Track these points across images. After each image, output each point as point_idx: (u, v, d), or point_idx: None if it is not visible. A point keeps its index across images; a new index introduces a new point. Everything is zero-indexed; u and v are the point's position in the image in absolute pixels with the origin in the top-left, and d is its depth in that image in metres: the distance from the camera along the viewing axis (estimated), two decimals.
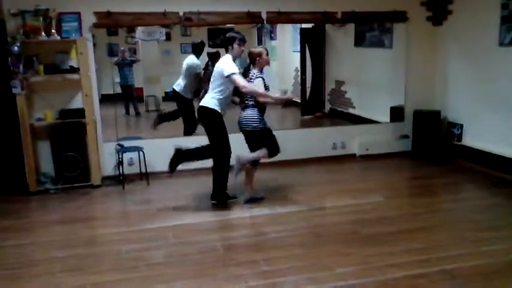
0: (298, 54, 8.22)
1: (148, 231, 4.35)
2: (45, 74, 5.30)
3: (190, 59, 6.72)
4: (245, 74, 4.97)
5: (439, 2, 6.59)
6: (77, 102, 5.60)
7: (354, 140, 6.79)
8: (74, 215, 4.79)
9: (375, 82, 7.55)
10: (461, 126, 6.44)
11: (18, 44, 5.06)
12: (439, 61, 6.80)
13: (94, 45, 5.67)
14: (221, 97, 4.67)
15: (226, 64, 4.63)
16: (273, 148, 4.85)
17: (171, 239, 4.14)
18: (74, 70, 5.40)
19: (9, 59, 5.08)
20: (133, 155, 5.80)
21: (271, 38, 8.79)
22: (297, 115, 8.36)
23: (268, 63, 4.93)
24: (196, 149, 4.88)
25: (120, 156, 5.68)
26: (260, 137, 4.78)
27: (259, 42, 8.79)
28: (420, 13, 6.66)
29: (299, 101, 8.39)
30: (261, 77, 4.76)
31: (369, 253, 3.74)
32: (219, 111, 4.68)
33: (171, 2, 5.71)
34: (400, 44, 6.84)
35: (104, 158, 5.82)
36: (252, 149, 4.84)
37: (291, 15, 6.21)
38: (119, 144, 5.74)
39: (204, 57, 6.82)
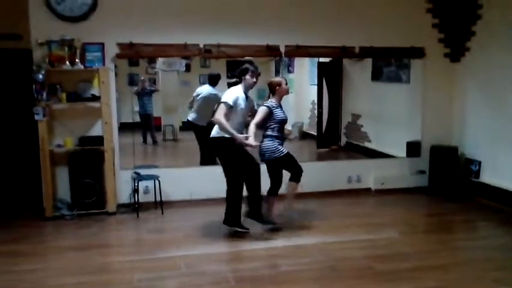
0: (315, 87, 8.28)
1: (161, 260, 4.33)
2: (67, 102, 5.43)
3: (208, 89, 6.82)
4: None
5: (457, 39, 6.64)
6: (96, 130, 5.71)
7: (369, 174, 6.75)
8: (88, 242, 4.81)
9: (391, 116, 7.54)
10: (479, 163, 6.37)
11: (43, 72, 5.22)
12: (456, 97, 6.79)
13: (115, 74, 5.81)
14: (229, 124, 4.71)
15: (227, 93, 4.80)
16: (298, 168, 4.97)
17: (183, 269, 4.12)
18: (95, 98, 5.53)
19: (34, 86, 5.23)
20: (149, 183, 5.84)
21: (289, 71, 8.88)
22: (313, 148, 8.36)
23: (287, 92, 5.07)
24: (251, 202, 4.88)
25: (136, 184, 5.72)
26: (286, 162, 4.93)
27: (277, 75, 8.91)
28: (438, 50, 6.71)
29: (315, 133, 8.41)
30: (267, 106, 4.87)
31: None
32: (226, 136, 4.71)
33: (191, 34, 5.86)
34: (418, 80, 6.86)
35: (120, 185, 5.87)
36: (273, 177, 4.97)
37: (309, 49, 6.30)
38: (136, 172, 5.80)
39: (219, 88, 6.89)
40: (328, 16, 6.31)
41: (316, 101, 8.32)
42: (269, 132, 4.92)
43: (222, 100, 4.73)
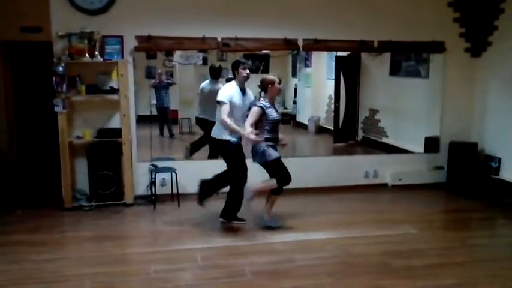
0: (333, 81, 8.24)
1: (177, 252, 4.37)
2: (86, 94, 5.49)
3: (210, 83, 6.81)
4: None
5: (478, 34, 6.52)
6: (114, 122, 5.76)
7: (386, 169, 6.70)
8: (105, 233, 4.87)
9: (409, 112, 7.46)
10: (499, 159, 6.27)
11: (63, 65, 5.27)
12: (476, 92, 6.68)
13: (133, 67, 5.84)
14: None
15: (222, 90, 4.77)
16: (285, 178, 4.80)
17: (199, 262, 4.15)
18: (113, 91, 5.57)
19: (54, 78, 5.29)
20: (166, 175, 5.88)
21: (306, 65, 8.85)
22: (330, 142, 8.32)
23: (279, 91, 4.90)
24: (217, 177, 4.98)
25: (153, 176, 5.77)
26: (273, 168, 4.77)
27: (294, 68, 8.90)
28: (459, 44, 6.60)
29: (332, 128, 8.37)
30: (259, 106, 4.69)
31: (401, 286, 3.65)
32: (231, 139, 4.72)
33: (210, 28, 5.86)
34: (437, 74, 6.77)
35: (138, 177, 5.92)
36: (271, 176, 4.82)
37: (327, 43, 6.25)
38: (153, 165, 5.84)
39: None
40: (346, 9, 6.25)
41: (333, 95, 8.27)
42: (261, 134, 4.74)
43: (218, 99, 4.70)
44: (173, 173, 5.78)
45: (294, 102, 9.07)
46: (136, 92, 6.01)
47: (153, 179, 5.77)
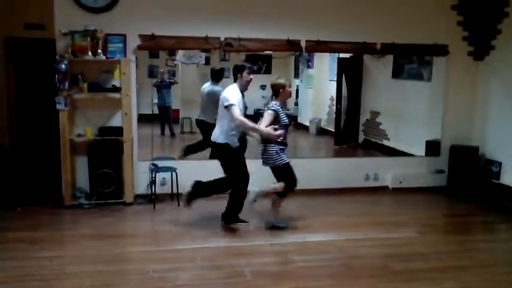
0: (335, 83, 8.22)
1: (176, 252, 4.37)
2: (89, 92, 5.48)
3: (210, 86, 6.62)
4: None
5: (481, 37, 6.51)
6: (116, 121, 5.76)
7: (387, 172, 6.69)
8: (104, 231, 4.87)
9: (411, 114, 7.45)
10: (500, 164, 6.26)
11: (66, 62, 5.27)
12: (479, 96, 6.67)
13: (136, 66, 5.84)
14: (229, 127, 4.70)
15: (228, 94, 4.71)
16: (292, 181, 4.82)
17: (198, 262, 4.15)
18: (116, 89, 5.57)
19: (56, 76, 5.28)
20: (166, 175, 5.88)
21: (309, 67, 8.83)
22: (331, 144, 8.30)
23: (290, 95, 4.93)
24: (214, 182, 4.94)
25: (154, 175, 5.76)
26: (283, 171, 4.78)
27: (296, 70, 8.88)
28: (462, 48, 6.59)
29: (333, 130, 8.36)
30: (274, 110, 4.69)
31: None
32: (230, 143, 4.73)
33: (212, 28, 5.86)
34: (439, 78, 6.76)
35: (138, 176, 5.92)
36: (279, 179, 4.83)
37: (330, 44, 6.25)
38: (153, 164, 5.84)
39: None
40: (350, 11, 6.24)
41: (335, 97, 8.26)
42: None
43: (229, 103, 4.63)
44: (173, 173, 5.77)
45: (296, 104, 9.05)
46: (138, 90, 6.01)
47: (153, 178, 5.77)
